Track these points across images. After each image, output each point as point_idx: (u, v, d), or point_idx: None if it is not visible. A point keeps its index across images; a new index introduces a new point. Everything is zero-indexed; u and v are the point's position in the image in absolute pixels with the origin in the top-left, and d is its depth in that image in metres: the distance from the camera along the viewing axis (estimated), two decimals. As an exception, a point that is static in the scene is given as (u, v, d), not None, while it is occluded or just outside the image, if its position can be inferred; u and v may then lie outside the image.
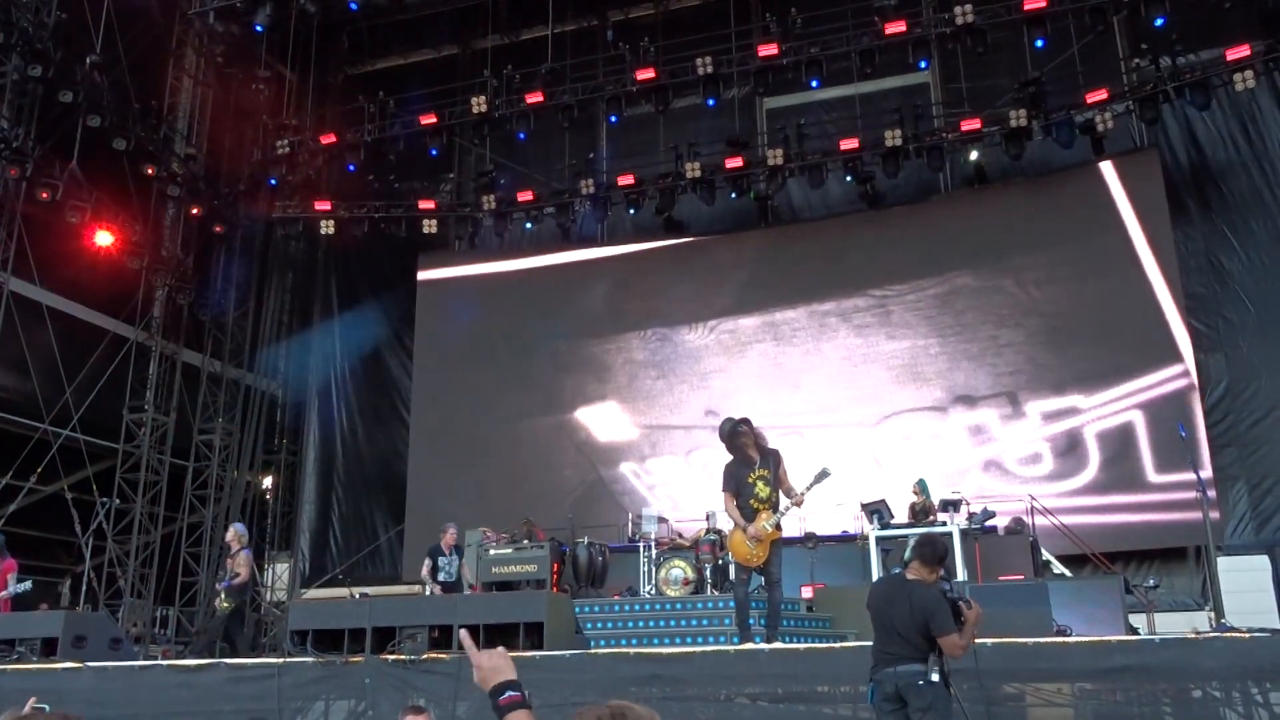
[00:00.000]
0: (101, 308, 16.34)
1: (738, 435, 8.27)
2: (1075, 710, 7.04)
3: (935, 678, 5.48)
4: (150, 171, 16.20)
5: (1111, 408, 14.33)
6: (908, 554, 5.86)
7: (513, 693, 2.24)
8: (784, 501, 8.13)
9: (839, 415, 15.45)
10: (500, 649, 2.38)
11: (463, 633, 2.61)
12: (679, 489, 15.81)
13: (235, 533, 11.48)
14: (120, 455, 16.08)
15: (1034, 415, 14.78)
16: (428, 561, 11.50)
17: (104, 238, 15.35)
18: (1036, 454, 14.69)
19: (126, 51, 15.47)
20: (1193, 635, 7.57)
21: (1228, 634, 7.39)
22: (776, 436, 14.82)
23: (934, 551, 5.78)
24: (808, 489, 8.05)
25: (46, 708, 4.19)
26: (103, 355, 15.80)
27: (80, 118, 14.74)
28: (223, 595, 10.92)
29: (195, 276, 17.68)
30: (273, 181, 17.76)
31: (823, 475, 8.04)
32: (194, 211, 17.35)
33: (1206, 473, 12.53)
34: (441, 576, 11.30)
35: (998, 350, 15.14)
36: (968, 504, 11.96)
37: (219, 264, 18.09)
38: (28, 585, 10.39)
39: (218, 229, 17.53)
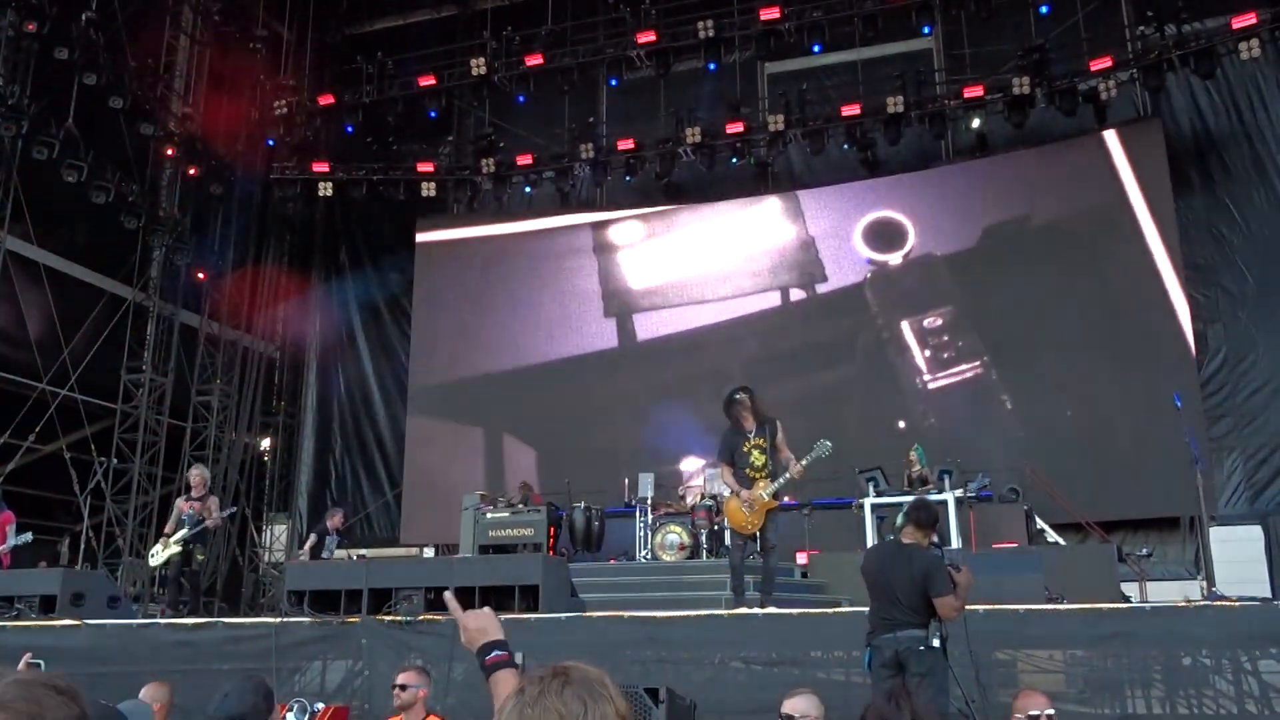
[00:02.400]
0: (99, 267, 16.26)
1: (735, 404, 8.27)
2: (1066, 677, 7.10)
3: (935, 643, 5.53)
4: (147, 131, 16.09)
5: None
6: (900, 519, 5.92)
7: (499, 652, 2.25)
8: (783, 472, 8.15)
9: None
10: (486, 609, 2.37)
11: (447, 594, 2.59)
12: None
13: (203, 475, 10.99)
14: (118, 415, 16.08)
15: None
16: (312, 538, 11.88)
17: (101, 197, 15.26)
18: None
19: (122, 8, 15.30)
20: (1184, 604, 7.63)
21: (1218, 603, 7.45)
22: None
23: (928, 515, 5.85)
24: (807, 462, 8.08)
25: (41, 664, 4.23)
26: (100, 315, 15.77)
27: (76, 75, 14.62)
28: (194, 546, 10.51)
29: (193, 237, 17.59)
30: (270, 142, 17.67)
31: (824, 450, 8.07)
32: (191, 172, 17.25)
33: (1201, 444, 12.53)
34: (325, 554, 11.59)
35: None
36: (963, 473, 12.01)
37: (217, 225, 18.00)
38: (28, 537, 10.41)
39: (215, 189, 17.45)
